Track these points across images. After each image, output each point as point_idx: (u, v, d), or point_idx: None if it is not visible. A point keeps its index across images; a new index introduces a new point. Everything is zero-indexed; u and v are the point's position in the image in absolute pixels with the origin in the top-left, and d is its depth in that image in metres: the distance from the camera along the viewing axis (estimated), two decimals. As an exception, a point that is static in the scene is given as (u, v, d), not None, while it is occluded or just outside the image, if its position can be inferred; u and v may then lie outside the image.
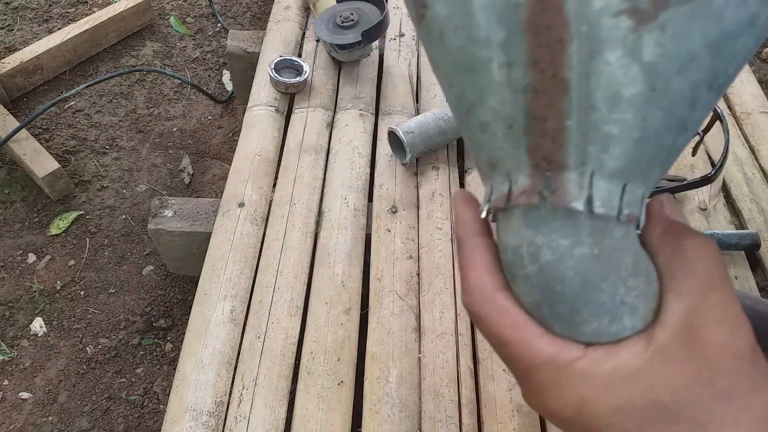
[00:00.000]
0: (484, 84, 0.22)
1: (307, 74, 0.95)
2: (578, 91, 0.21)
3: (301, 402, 0.63)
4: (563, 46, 0.20)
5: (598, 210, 0.21)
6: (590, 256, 0.22)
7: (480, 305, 0.24)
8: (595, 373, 0.22)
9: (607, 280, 0.22)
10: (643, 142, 0.21)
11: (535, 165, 0.22)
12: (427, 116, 0.85)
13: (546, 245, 0.22)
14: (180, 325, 1.04)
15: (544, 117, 0.21)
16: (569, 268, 0.22)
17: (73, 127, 1.31)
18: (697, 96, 0.21)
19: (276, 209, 0.81)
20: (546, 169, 0.22)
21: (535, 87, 0.21)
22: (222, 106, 1.39)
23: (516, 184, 0.23)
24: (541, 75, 0.21)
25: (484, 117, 0.23)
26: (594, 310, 0.23)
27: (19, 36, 1.45)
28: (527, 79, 0.21)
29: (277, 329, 0.69)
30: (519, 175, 0.23)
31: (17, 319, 1.04)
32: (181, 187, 1.24)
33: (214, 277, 0.73)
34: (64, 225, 1.15)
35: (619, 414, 0.22)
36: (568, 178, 0.21)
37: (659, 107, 0.21)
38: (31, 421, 0.93)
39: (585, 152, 0.21)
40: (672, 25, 0.19)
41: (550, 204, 0.22)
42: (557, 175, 0.22)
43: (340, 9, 0.99)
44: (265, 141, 0.89)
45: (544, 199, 0.22)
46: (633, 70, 0.20)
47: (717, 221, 0.79)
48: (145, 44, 1.49)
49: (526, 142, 0.22)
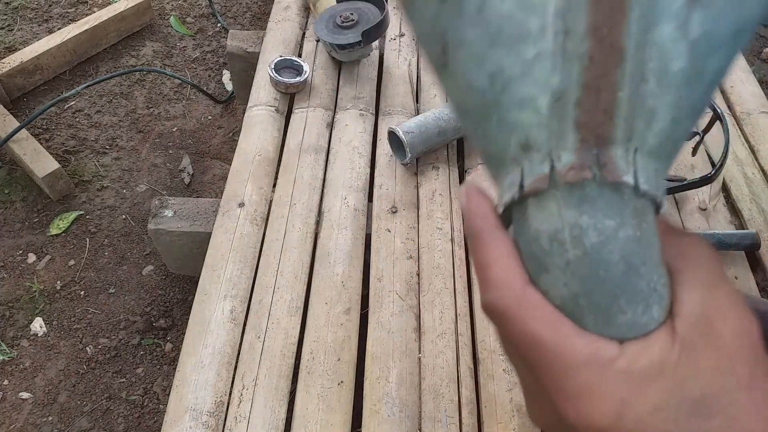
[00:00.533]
0: (533, 55, 0.21)
1: (307, 74, 0.95)
2: (632, 61, 0.20)
3: (301, 402, 0.63)
4: (624, 15, 0.20)
5: (644, 187, 0.21)
6: (634, 237, 0.22)
7: (509, 301, 0.22)
8: (634, 372, 0.21)
9: (646, 265, 0.22)
10: (676, 122, 0.21)
11: (582, 140, 0.21)
12: (427, 116, 0.85)
13: (592, 226, 0.21)
14: (180, 325, 1.04)
15: (598, 88, 0.21)
16: (615, 250, 0.21)
17: (73, 127, 1.31)
18: (716, 81, 0.22)
19: (276, 209, 0.81)
20: (594, 144, 0.21)
21: (592, 56, 0.20)
22: (222, 106, 1.39)
23: (560, 161, 0.21)
24: (599, 43, 0.20)
25: (526, 92, 0.22)
26: (632, 297, 0.22)
27: (19, 36, 1.45)
28: (584, 47, 0.20)
29: (277, 329, 0.69)
30: (563, 152, 0.21)
31: (17, 319, 1.04)
32: (181, 187, 1.24)
33: (214, 277, 0.73)
34: (64, 225, 1.15)
35: (658, 415, 0.20)
36: (616, 153, 0.21)
37: (692, 87, 0.21)
38: (31, 421, 0.93)
39: (632, 127, 0.21)
40: (715, 6, 0.20)
41: (600, 180, 0.21)
42: (605, 150, 0.21)
43: (340, 9, 0.99)
44: (265, 141, 0.89)
45: (594, 176, 0.21)
46: (681, 45, 0.20)
47: (717, 221, 0.79)
48: (145, 44, 1.49)
49: (575, 115, 0.21)
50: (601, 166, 0.21)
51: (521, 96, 0.22)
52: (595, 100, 0.21)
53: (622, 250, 0.21)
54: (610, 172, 0.21)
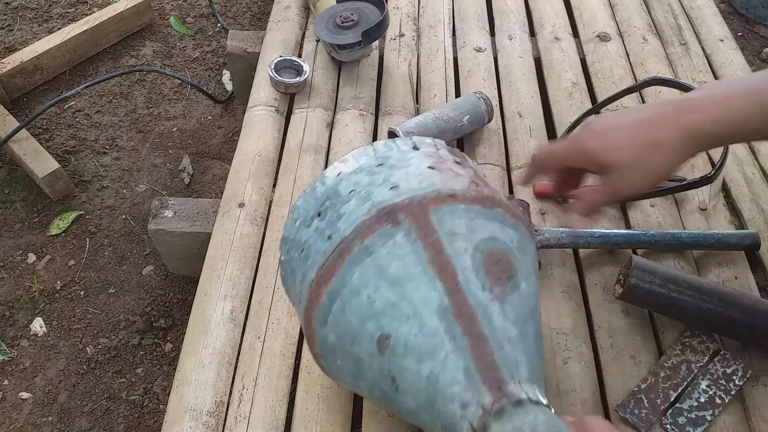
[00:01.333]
0: (443, 356, 0.40)
1: (307, 74, 0.95)
2: (492, 339, 0.40)
3: (301, 402, 0.63)
4: (477, 321, 0.41)
5: (532, 397, 0.39)
6: (547, 418, 0.37)
7: None
8: None
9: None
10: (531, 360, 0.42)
11: (490, 388, 0.39)
12: (427, 116, 0.85)
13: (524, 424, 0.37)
14: (180, 325, 1.04)
15: (483, 360, 0.39)
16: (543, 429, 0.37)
17: (73, 127, 1.31)
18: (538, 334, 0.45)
19: (276, 209, 0.81)
20: (497, 389, 0.39)
21: (472, 344, 0.40)
22: (222, 106, 1.39)
23: (486, 403, 0.38)
24: (470, 336, 0.40)
25: (450, 375, 0.39)
26: None
27: (19, 36, 1.45)
28: (465, 342, 0.40)
29: (277, 329, 0.69)
30: (485, 398, 0.38)
31: (17, 319, 1.04)
32: (181, 187, 1.24)
33: (214, 277, 0.73)
34: (64, 225, 1.15)
35: None
36: (509, 387, 0.39)
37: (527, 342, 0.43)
38: (31, 421, 0.93)
39: (511, 372, 0.40)
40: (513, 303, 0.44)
41: (513, 403, 0.38)
42: (504, 388, 0.39)
43: (340, 9, 0.99)
44: (265, 141, 0.89)
45: (507, 402, 0.38)
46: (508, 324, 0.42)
47: (717, 221, 0.79)
48: (145, 44, 1.49)
49: (480, 377, 0.39)
50: (507, 396, 0.38)
51: (449, 376, 0.40)
52: (485, 368, 0.39)
53: (548, 427, 0.37)
54: (513, 396, 0.38)
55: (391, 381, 0.42)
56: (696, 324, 0.66)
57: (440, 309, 0.41)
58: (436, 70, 1.00)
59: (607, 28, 1.08)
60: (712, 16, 1.12)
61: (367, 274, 0.42)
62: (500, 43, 1.06)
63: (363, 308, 0.42)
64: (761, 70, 0.53)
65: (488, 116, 0.88)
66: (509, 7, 1.12)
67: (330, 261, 0.44)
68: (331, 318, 0.44)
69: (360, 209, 0.45)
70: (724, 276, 0.73)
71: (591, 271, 0.74)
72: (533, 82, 0.99)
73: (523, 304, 0.43)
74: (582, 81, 0.99)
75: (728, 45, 1.06)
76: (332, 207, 0.47)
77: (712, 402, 0.62)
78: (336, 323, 0.44)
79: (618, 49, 1.04)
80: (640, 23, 1.09)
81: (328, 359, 0.47)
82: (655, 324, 0.69)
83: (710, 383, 0.63)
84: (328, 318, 0.44)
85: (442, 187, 0.46)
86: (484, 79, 0.98)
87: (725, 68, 1.01)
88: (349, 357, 0.44)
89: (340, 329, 0.44)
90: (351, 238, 0.44)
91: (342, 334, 0.44)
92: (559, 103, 0.95)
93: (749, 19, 1.72)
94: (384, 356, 0.41)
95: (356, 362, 0.44)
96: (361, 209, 0.45)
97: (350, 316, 0.43)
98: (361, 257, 0.43)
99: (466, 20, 1.09)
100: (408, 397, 0.41)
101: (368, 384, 0.44)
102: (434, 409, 0.40)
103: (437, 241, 0.43)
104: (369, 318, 0.42)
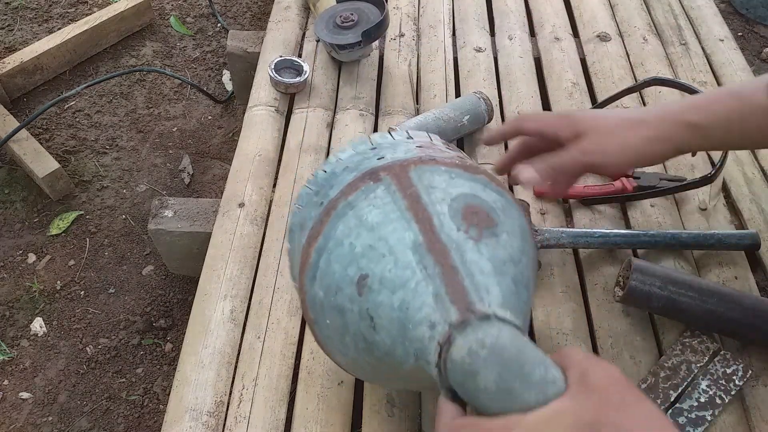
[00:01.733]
0: (414, 285, 0.41)
1: (307, 74, 0.95)
2: (462, 269, 0.41)
3: (301, 402, 0.63)
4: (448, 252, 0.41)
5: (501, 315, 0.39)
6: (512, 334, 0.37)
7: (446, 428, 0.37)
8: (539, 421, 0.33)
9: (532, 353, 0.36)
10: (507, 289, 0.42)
11: (458, 309, 0.39)
12: (427, 116, 0.85)
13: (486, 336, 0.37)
14: (180, 325, 1.04)
15: (453, 286, 0.40)
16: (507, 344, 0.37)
17: (73, 127, 1.31)
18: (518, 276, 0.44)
19: (276, 209, 0.81)
20: (466, 309, 0.39)
21: (443, 272, 0.41)
22: (222, 106, 1.39)
23: (453, 321, 0.38)
24: (442, 267, 0.41)
25: (420, 299, 0.40)
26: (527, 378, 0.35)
27: (19, 36, 1.45)
28: (437, 270, 0.41)
29: (277, 329, 0.69)
30: (453, 316, 0.39)
31: (17, 319, 1.04)
32: (181, 187, 1.24)
33: (214, 277, 0.73)
34: (64, 225, 1.15)
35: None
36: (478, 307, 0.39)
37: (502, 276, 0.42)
38: (31, 421, 0.93)
39: (480, 296, 0.40)
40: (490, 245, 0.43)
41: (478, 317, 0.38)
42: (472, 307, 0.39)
43: (340, 9, 0.99)
44: (265, 141, 0.89)
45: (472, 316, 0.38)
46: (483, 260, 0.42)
47: (717, 221, 0.79)
48: (145, 44, 1.49)
49: (449, 300, 0.39)
50: (474, 312, 0.38)
51: (419, 304, 0.40)
52: (453, 291, 0.40)
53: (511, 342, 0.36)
54: (480, 312, 0.38)
55: (370, 320, 0.42)
56: (696, 324, 0.66)
57: (414, 245, 0.42)
58: (436, 70, 1.00)
59: (607, 28, 1.08)
60: (712, 16, 1.12)
61: (350, 225, 0.45)
62: (500, 43, 1.06)
63: (345, 255, 0.44)
64: None
65: (488, 116, 0.88)
66: (509, 7, 1.12)
67: (317, 220, 0.47)
68: (318, 274, 0.46)
69: (348, 177, 0.48)
70: (724, 276, 0.73)
71: (591, 271, 0.74)
72: (533, 82, 0.99)
73: (502, 249, 0.43)
74: (582, 81, 0.99)
75: (728, 45, 1.06)
76: (327, 184, 0.50)
77: (712, 402, 0.62)
78: (322, 277, 0.45)
79: (618, 49, 1.04)
80: (640, 23, 1.09)
81: (320, 322, 0.47)
82: (655, 324, 0.69)
83: (710, 383, 0.63)
84: (316, 275, 0.46)
85: (424, 155, 0.49)
86: (484, 79, 0.98)
87: (725, 68, 1.01)
88: (335, 311, 0.45)
89: (325, 282, 0.45)
90: (337, 198, 0.47)
91: (327, 286, 0.45)
92: (559, 103, 0.95)
93: (749, 19, 1.72)
94: (362, 296, 0.42)
95: (340, 313, 0.44)
96: (350, 177, 0.48)
97: (335, 266, 0.44)
98: (345, 212, 0.46)
99: (466, 20, 1.09)
100: (384, 334, 0.42)
101: (351, 336, 0.45)
102: (406, 337, 0.41)
103: (415, 192, 0.45)
104: (350, 263, 0.44)
